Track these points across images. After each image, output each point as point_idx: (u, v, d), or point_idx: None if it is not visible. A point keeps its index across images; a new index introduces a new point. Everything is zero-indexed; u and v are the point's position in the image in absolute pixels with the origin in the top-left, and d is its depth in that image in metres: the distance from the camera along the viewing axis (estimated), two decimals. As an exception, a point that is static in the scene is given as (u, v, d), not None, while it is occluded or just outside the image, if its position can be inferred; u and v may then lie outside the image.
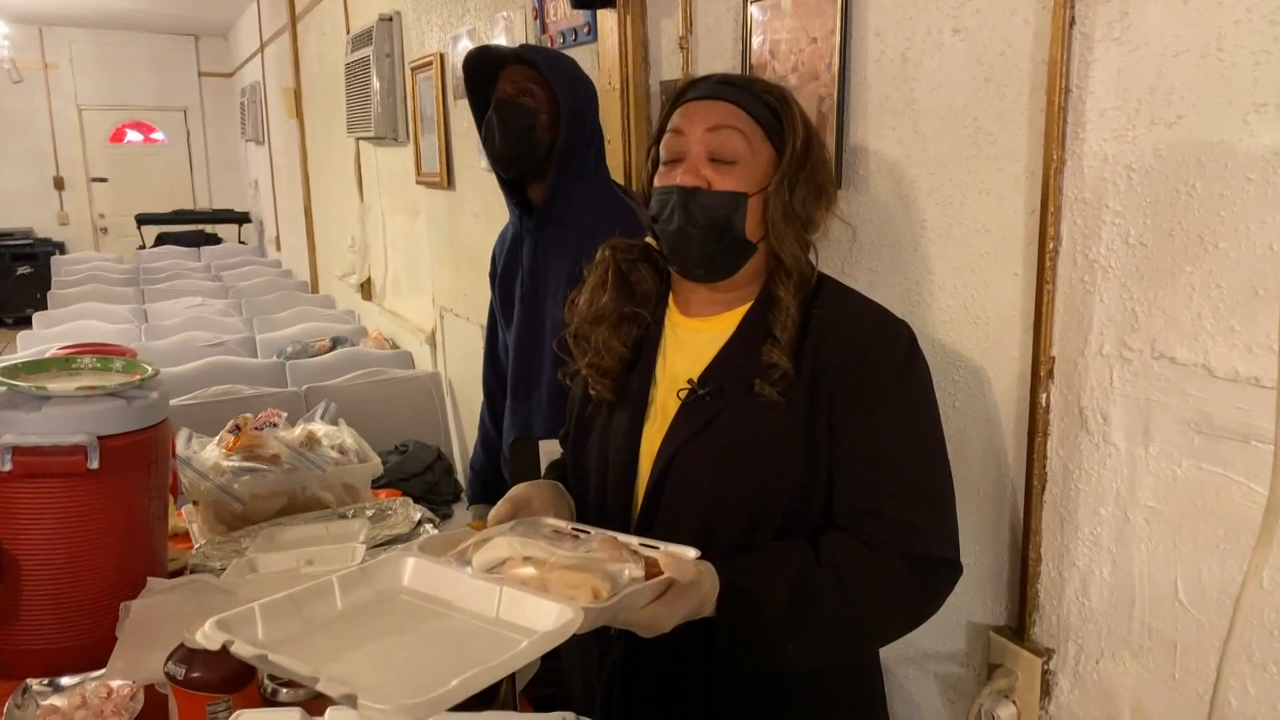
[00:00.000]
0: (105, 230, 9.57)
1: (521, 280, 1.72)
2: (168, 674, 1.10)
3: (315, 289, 6.15)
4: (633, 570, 0.88)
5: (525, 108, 1.59)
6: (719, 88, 1.06)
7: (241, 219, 8.96)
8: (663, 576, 0.87)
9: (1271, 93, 0.86)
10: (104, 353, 1.61)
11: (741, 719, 1.07)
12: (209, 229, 8.75)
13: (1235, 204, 0.90)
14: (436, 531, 1.72)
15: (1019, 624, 1.19)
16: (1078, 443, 1.09)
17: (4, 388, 1.32)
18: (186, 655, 1.09)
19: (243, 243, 8.73)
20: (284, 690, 1.16)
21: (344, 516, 1.79)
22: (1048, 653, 1.16)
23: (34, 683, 1.27)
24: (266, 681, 1.16)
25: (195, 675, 1.09)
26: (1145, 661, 1.05)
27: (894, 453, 1.00)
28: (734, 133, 1.03)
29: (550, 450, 1.66)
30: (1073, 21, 1.02)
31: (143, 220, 8.52)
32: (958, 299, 1.23)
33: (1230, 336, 0.92)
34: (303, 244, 6.30)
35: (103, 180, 9.55)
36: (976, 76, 1.16)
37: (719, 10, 1.62)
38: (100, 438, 1.29)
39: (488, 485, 2.02)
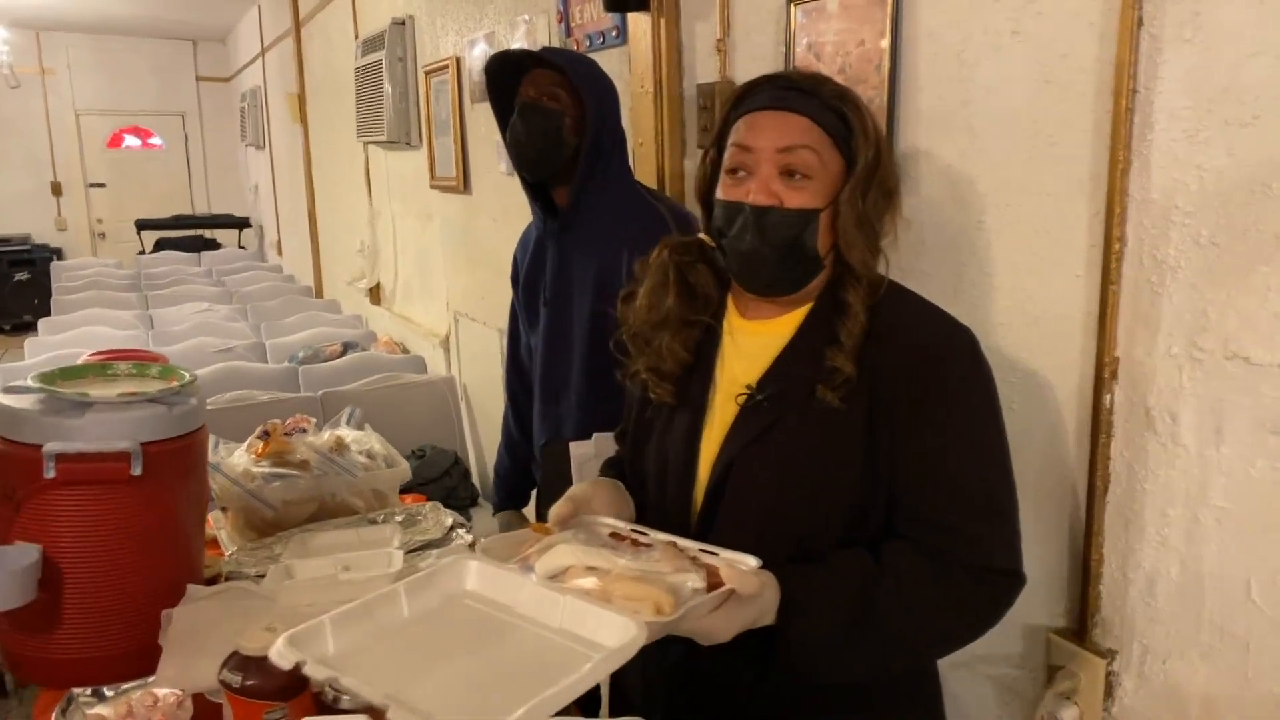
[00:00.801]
0: (103, 236, 9.53)
1: (547, 284, 1.71)
2: (223, 682, 1.09)
3: (320, 294, 6.13)
4: (695, 581, 0.88)
5: (550, 110, 1.58)
6: (787, 96, 1.02)
7: (242, 224, 8.94)
8: (724, 588, 0.87)
9: (1354, 93, 0.87)
10: (138, 359, 1.60)
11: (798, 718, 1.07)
12: (208, 234, 8.71)
13: (1315, 204, 0.91)
14: (467, 536, 1.72)
15: (1079, 626, 1.19)
16: (1144, 444, 1.09)
17: (45, 394, 1.30)
18: (241, 663, 1.08)
19: (243, 247, 8.71)
20: (345, 697, 1.14)
21: (374, 522, 1.78)
22: (1110, 654, 1.16)
23: (79, 692, 1.25)
24: (328, 689, 1.15)
25: (251, 683, 1.08)
26: (1215, 662, 1.05)
27: (957, 461, 0.99)
28: (807, 150, 1.00)
29: (581, 453, 1.65)
30: (1141, 23, 1.02)
31: (142, 225, 8.48)
32: (1015, 300, 1.23)
33: (1309, 336, 0.92)
34: (306, 249, 6.28)
35: (100, 186, 9.50)
36: (1037, 79, 1.16)
37: (759, 13, 1.62)
38: (143, 444, 1.28)
39: (514, 491, 2.00)
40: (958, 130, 1.27)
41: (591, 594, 0.88)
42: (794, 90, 1.03)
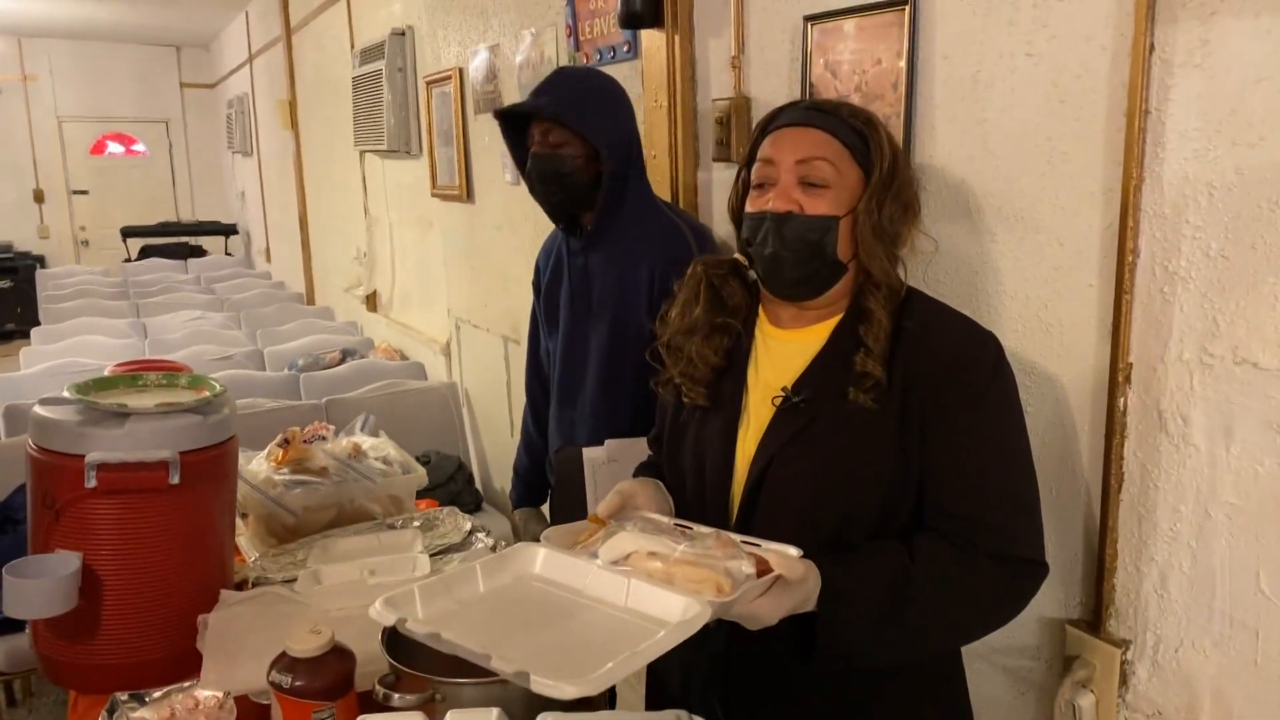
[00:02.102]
0: (86, 243, 9.45)
1: (569, 295, 1.76)
2: (273, 683, 1.11)
3: (311, 301, 6.13)
4: (747, 566, 0.94)
5: (559, 157, 1.62)
6: (808, 114, 1.12)
7: (228, 231, 8.89)
8: (774, 573, 0.93)
9: (1355, 117, 0.93)
10: (164, 369, 1.62)
11: (835, 708, 1.13)
12: (194, 241, 8.66)
13: (1319, 219, 0.97)
14: (488, 539, 1.75)
15: (1094, 617, 1.25)
16: (1156, 444, 1.15)
17: (82, 405, 1.33)
18: (290, 664, 1.11)
19: (229, 254, 8.67)
20: (395, 696, 1.18)
21: (393, 527, 1.81)
22: (1125, 644, 1.22)
23: (121, 696, 1.28)
24: (377, 687, 1.18)
25: (300, 683, 1.11)
26: (1226, 649, 1.11)
27: (984, 459, 1.05)
28: (824, 162, 1.08)
29: (594, 457, 1.70)
30: (1152, 48, 1.09)
31: (128, 233, 8.42)
32: (1030, 308, 1.29)
33: (1314, 343, 0.99)
34: (296, 256, 6.27)
35: (83, 193, 9.43)
36: (1051, 98, 1.22)
37: (773, 30, 1.67)
38: (180, 453, 1.31)
39: (531, 488, 2.05)
40: (973, 146, 1.33)
41: (655, 576, 0.95)
42: (814, 110, 1.13)
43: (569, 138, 1.62)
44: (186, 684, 1.29)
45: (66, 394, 1.36)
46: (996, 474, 1.05)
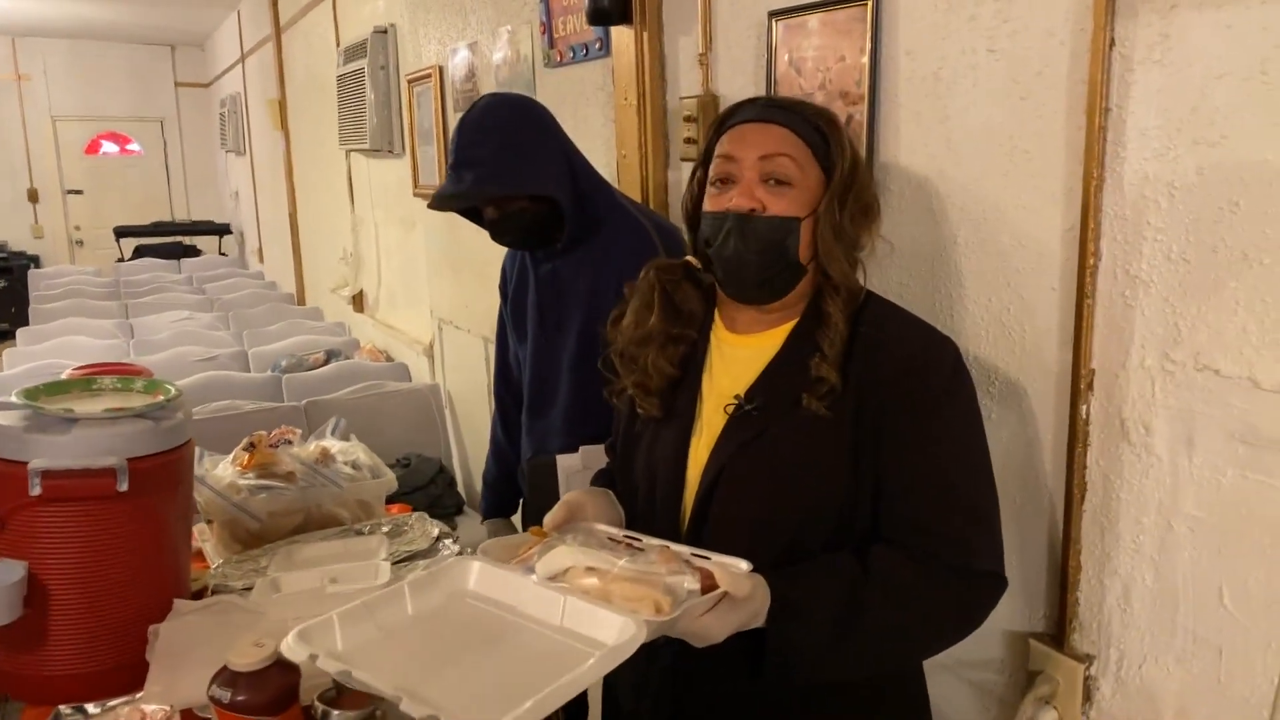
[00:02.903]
0: (81, 243, 9.43)
1: (536, 303, 1.73)
2: (213, 698, 1.09)
3: (301, 301, 6.11)
4: (690, 583, 0.91)
5: (510, 216, 1.58)
6: (769, 111, 1.08)
7: (222, 231, 8.87)
8: (719, 590, 0.90)
9: (1317, 114, 0.90)
10: (122, 373, 1.59)
11: None
12: (188, 241, 8.64)
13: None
14: (454, 546, 1.72)
15: (1058, 631, 1.21)
16: (1119, 453, 1.12)
17: (29, 410, 1.30)
18: (231, 678, 1.08)
19: (223, 254, 8.65)
20: (335, 713, 1.15)
21: (360, 533, 1.78)
22: (1088, 659, 1.18)
23: (65, 709, 1.25)
24: (316, 703, 1.16)
25: (241, 698, 1.08)
26: (1189, 666, 1.08)
27: (941, 468, 1.02)
28: (787, 159, 1.05)
29: (569, 465, 1.66)
30: (1112, 43, 1.05)
31: (121, 232, 8.38)
32: (992, 312, 1.26)
33: (1276, 350, 0.95)
34: (288, 256, 6.25)
35: (78, 192, 9.40)
36: (1012, 95, 1.18)
37: (740, 27, 1.64)
38: (129, 459, 1.28)
39: (501, 498, 2.01)
40: (936, 145, 1.30)
41: (591, 594, 0.91)
42: (776, 107, 1.09)
43: (509, 198, 1.56)
44: (134, 696, 1.26)
45: (14, 399, 1.33)
46: (954, 484, 1.02)
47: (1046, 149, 1.15)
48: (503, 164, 1.52)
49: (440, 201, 1.58)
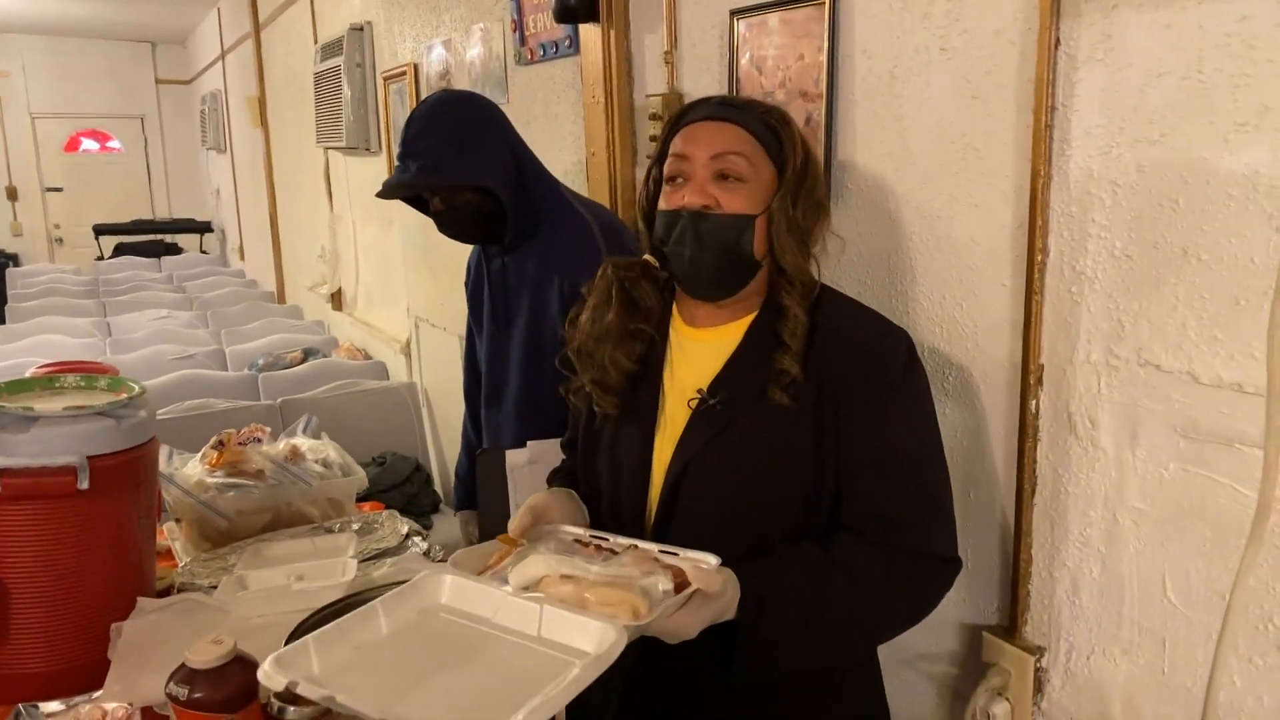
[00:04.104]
0: (60, 241, 9.35)
1: (489, 299, 1.75)
2: (170, 695, 1.09)
3: (282, 299, 6.08)
4: (664, 583, 0.91)
5: (454, 208, 1.61)
6: (721, 109, 1.09)
7: (203, 229, 8.81)
8: (691, 588, 0.90)
9: (1250, 113, 0.91)
10: (86, 371, 1.59)
11: (755, 714, 1.10)
12: (169, 239, 8.57)
13: (1217, 218, 0.95)
14: (422, 544, 1.73)
15: (1010, 623, 1.23)
16: (1067, 447, 1.13)
17: (-11, 409, 1.30)
18: (188, 676, 1.08)
19: (204, 252, 8.59)
20: (290, 709, 1.15)
21: (330, 531, 1.78)
22: (1039, 650, 1.20)
23: (24, 708, 1.25)
24: (273, 700, 1.16)
25: (198, 696, 1.08)
26: (1135, 657, 1.10)
27: (897, 456, 1.04)
28: (739, 156, 1.06)
29: (516, 460, 1.68)
30: (1058, 43, 1.06)
31: (101, 230, 8.31)
32: (945, 309, 1.27)
33: (1214, 345, 0.97)
34: (268, 254, 6.22)
35: (58, 190, 9.32)
36: (964, 94, 1.19)
37: (704, 25, 1.64)
38: (89, 458, 1.28)
39: (472, 491, 2.03)
40: (891, 143, 1.31)
41: (568, 601, 0.90)
42: (728, 105, 1.10)
43: (454, 189, 1.59)
44: (95, 694, 1.26)
45: (-27, 398, 1.33)
46: (911, 471, 1.04)
47: (997, 147, 1.17)
48: (445, 156, 1.57)
49: (387, 190, 1.63)
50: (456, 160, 1.56)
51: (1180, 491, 1.02)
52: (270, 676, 0.87)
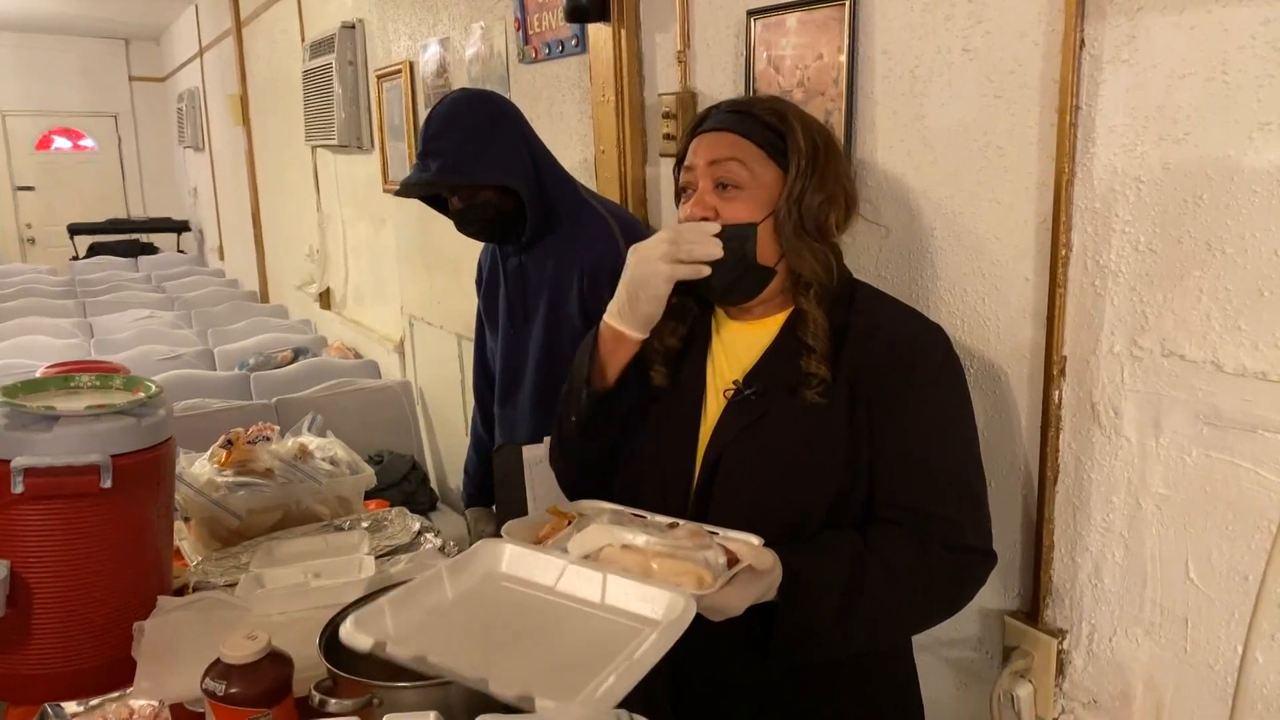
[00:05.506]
0: (32, 241, 9.19)
1: (505, 295, 1.76)
2: (206, 691, 1.09)
3: (265, 299, 6.03)
4: (719, 557, 0.92)
5: (475, 207, 1.62)
6: (725, 117, 1.11)
7: (180, 228, 8.70)
8: (743, 563, 0.91)
9: (1274, 113, 0.95)
10: (99, 370, 1.58)
11: (788, 701, 1.12)
12: (145, 238, 8.45)
13: (1241, 214, 0.99)
14: (436, 540, 1.73)
15: (1032, 608, 1.26)
16: (1090, 436, 1.17)
17: (9, 408, 1.29)
18: (224, 671, 1.09)
19: (182, 252, 8.48)
20: (332, 701, 1.15)
21: (340, 529, 1.79)
22: (1061, 633, 1.23)
23: (50, 707, 1.24)
24: (313, 692, 1.16)
25: (234, 691, 1.08)
26: (1157, 637, 1.13)
27: (934, 451, 1.06)
28: (734, 163, 1.07)
29: (533, 455, 1.69)
30: (1082, 44, 1.10)
31: (76, 230, 8.18)
32: (968, 302, 1.30)
33: (1238, 335, 1.01)
34: (250, 253, 6.16)
35: (29, 189, 9.16)
36: (986, 93, 1.23)
37: (719, 25, 1.67)
38: (112, 456, 1.27)
39: (481, 487, 2.05)
40: (913, 141, 1.34)
41: (631, 571, 0.91)
42: (731, 112, 1.11)
43: (474, 187, 1.60)
44: (121, 693, 1.26)
45: (-8, 397, 1.31)
46: (946, 465, 1.06)
47: (1019, 145, 1.20)
48: (465, 155, 1.58)
49: (406, 189, 1.63)
50: (477, 159, 1.57)
51: (1203, 476, 1.06)
52: (354, 635, 0.86)
